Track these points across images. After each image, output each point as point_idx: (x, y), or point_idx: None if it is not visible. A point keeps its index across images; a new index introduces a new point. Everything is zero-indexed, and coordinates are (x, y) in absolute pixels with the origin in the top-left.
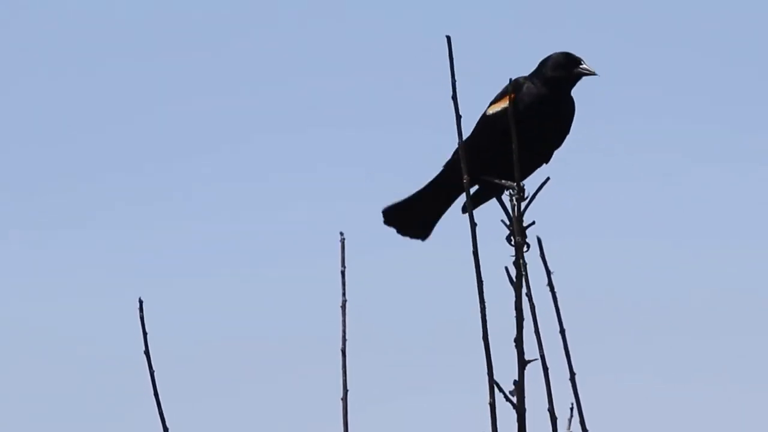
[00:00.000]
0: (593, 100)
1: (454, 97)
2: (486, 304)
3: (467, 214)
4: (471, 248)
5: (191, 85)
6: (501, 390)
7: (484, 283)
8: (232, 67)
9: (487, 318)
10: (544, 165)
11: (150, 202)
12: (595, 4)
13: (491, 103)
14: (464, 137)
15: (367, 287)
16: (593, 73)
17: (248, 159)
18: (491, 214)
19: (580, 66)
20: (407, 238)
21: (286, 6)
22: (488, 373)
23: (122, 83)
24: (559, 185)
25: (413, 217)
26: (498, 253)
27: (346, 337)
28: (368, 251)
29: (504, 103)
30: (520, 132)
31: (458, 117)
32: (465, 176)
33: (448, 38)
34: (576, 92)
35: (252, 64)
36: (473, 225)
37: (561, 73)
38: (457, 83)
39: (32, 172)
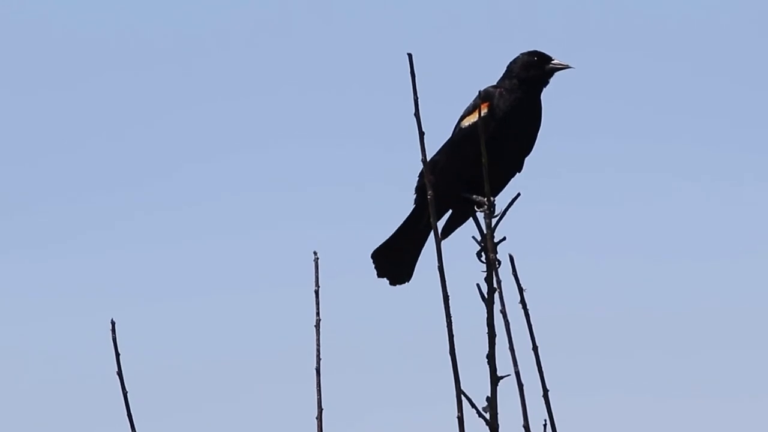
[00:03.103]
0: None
1: (417, 114)
2: (453, 319)
3: (440, 231)
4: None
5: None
6: (474, 406)
7: (452, 299)
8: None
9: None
10: (517, 174)
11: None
12: (567, 16)
13: (464, 116)
14: (437, 152)
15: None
16: (568, 66)
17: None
18: (464, 230)
19: (552, 62)
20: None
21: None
22: (456, 387)
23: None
24: (529, 201)
25: (398, 259)
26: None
27: (321, 356)
28: (341, 270)
29: (478, 114)
30: (498, 141)
31: (421, 134)
32: (429, 192)
33: (410, 56)
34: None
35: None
36: (438, 239)
37: (534, 72)
38: (419, 100)
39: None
